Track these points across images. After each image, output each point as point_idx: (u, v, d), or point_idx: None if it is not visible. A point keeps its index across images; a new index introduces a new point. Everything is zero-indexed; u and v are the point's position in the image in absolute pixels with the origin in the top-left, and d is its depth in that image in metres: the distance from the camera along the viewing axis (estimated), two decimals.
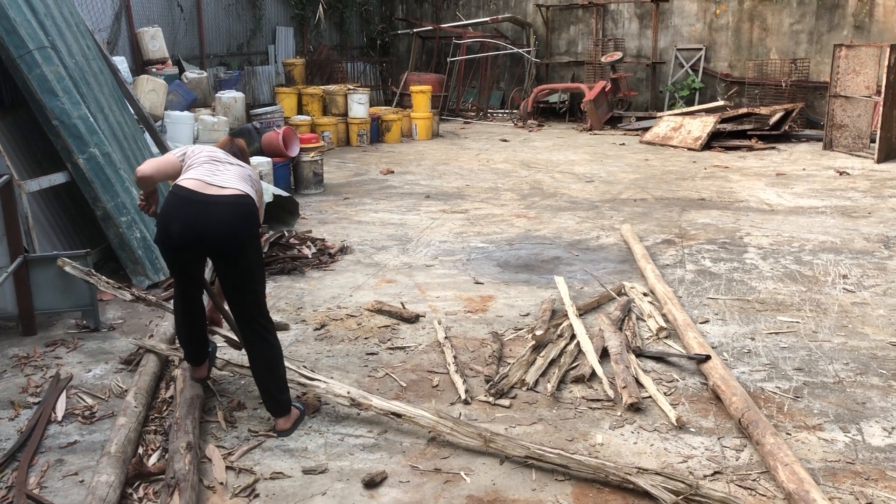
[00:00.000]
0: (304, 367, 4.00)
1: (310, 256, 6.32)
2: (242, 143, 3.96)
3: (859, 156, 11.33)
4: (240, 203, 3.44)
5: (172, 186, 3.51)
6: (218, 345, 4.24)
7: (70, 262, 4.54)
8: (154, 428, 3.62)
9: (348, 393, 3.70)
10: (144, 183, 3.58)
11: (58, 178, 5.53)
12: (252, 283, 3.52)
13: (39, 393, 4.01)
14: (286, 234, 6.69)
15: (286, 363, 3.71)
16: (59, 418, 3.74)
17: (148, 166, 3.56)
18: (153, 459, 3.35)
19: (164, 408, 3.81)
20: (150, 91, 9.82)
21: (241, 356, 4.17)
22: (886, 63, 10.63)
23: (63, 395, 3.94)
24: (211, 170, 3.55)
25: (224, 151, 3.75)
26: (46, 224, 5.64)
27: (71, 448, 3.49)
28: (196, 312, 3.77)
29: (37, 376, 4.21)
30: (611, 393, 3.94)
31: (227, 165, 3.62)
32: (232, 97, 11.31)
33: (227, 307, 3.77)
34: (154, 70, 10.94)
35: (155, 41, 11.17)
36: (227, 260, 3.43)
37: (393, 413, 3.57)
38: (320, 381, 3.78)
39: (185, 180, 3.48)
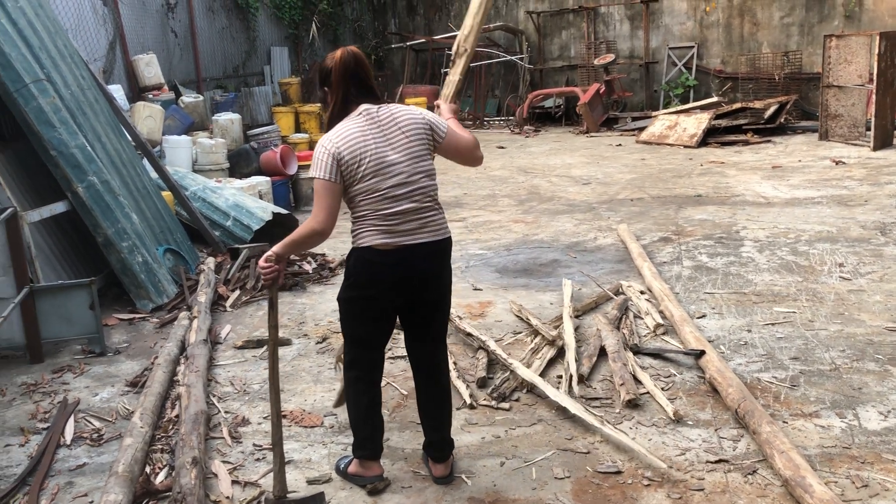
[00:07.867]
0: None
1: (310, 272, 6.39)
2: (351, 59, 3.21)
3: (855, 144, 11.36)
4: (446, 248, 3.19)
5: (364, 252, 3.01)
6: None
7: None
8: (160, 447, 3.68)
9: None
10: (326, 237, 2.94)
11: (58, 208, 5.62)
12: None
13: (48, 418, 4.08)
14: None
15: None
16: (68, 442, 3.81)
17: (322, 221, 2.90)
18: (160, 477, 3.41)
19: (170, 427, 3.88)
20: (148, 117, 9.92)
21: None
22: (877, 51, 10.67)
23: (71, 420, 4.01)
24: (399, 208, 2.98)
25: (385, 115, 3.19)
26: (49, 253, 5.73)
27: (80, 470, 3.56)
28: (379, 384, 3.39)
29: (45, 402, 4.28)
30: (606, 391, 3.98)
31: (408, 170, 3.01)
32: (229, 119, 11.40)
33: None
34: (151, 96, 11.06)
35: (150, 68, 11.30)
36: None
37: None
38: (515, 362, 4.20)
39: (380, 235, 2.98)
